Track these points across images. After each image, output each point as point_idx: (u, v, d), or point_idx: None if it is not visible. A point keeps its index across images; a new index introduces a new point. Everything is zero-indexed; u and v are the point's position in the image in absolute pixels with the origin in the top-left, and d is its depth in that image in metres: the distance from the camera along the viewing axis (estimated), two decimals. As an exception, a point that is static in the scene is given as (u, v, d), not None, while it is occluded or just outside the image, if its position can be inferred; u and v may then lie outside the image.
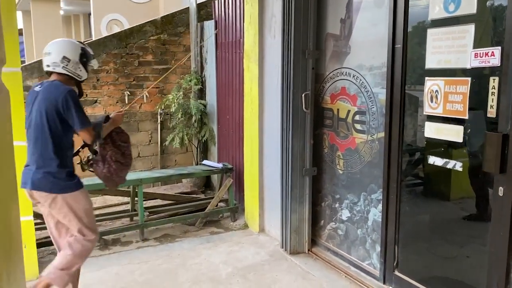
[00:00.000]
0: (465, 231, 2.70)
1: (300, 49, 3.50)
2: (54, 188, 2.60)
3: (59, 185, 2.60)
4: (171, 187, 5.65)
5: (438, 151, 2.60)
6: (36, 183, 2.60)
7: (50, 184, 2.59)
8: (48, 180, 2.59)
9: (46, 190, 2.60)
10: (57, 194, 2.60)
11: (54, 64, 2.64)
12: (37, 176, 2.60)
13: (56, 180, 2.59)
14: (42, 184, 2.60)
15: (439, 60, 2.49)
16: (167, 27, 5.91)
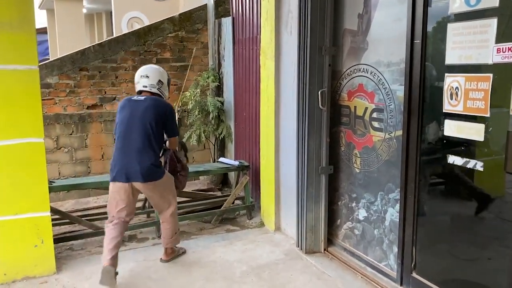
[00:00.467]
0: (487, 233, 2.60)
1: (316, 45, 3.44)
2: (158, 176, 3.29)
3: (158, 173, 3.30)
4: (188, 184, 5.64)
5: (458, 150, 2.51)
6: (145, 175, 3.21)
7: (155, 173, 3.28)
8: (153, 170, 3.25)
9: (156, 178, 3.28)
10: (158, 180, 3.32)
11: (151, 85, 3.41)
12: (144, 168, 3.20)
13: (157, 169, 3.30)
14: (151, 175, 3.24)
15: (460, 55, 2.40)
16: (185, 24, 5.91)
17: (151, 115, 3.23)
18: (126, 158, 3.23)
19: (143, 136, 3.21)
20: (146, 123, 3.22)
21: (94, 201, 5.28)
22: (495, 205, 2.50)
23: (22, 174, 3.23)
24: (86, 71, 5.52)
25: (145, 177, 3.22)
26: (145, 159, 3.20)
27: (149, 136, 3.22)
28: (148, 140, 3.22)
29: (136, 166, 3.19)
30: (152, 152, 3.24)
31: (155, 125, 3.24)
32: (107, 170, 5.73)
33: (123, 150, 3.26)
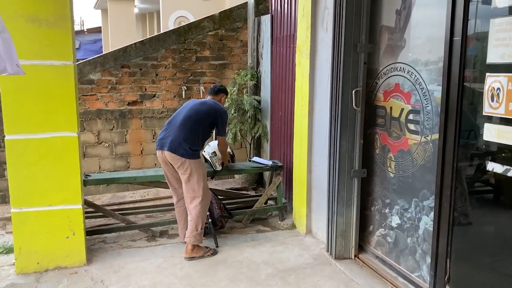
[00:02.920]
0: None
1: (351, 42, 3.30)
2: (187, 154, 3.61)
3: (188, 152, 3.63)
4: (223, 182, 5.66)
5: (498, 157, 2.31)
6: (173, 147, 3.60)
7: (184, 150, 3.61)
8: (183, 147, 3.61)
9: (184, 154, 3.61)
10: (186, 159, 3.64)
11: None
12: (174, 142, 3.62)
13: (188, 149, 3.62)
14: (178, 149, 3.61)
15: (503, 53, 2.19)
16: (225, 22, 5.91)
17: (203, 109, 3.76)
18: (166, 133, 3.71)
19: (186, 120, 3.65)
20: (195, 112, 3.70)
21: (130, 195, 5.40)
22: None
23: (56, 167, 3.33)
24: (127, 68, 5.64)
25: (171, 148, 3.59)
26: (180, 136, 3.60)
27: (193, 123, 3.65)
28: (190, 125, 3.64)
29: (170, 138, 3.63)
30: (190, 136, 3.62)
31: (204, 118, 3.71)
32: (145, 165, 5.87)
33: (166, 128, 3.75)
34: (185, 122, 3.66)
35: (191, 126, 3.66)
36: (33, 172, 3.28)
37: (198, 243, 3.67)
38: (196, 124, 3.68)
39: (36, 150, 3.27)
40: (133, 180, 4.27)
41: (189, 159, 3.59)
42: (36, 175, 3.29)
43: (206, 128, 3.78)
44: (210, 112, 3.76)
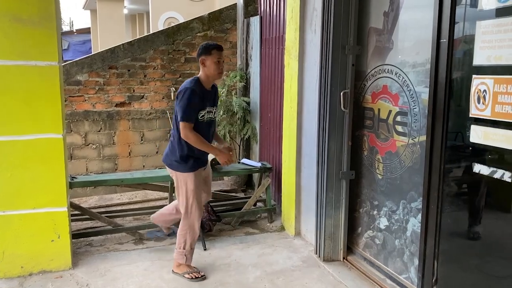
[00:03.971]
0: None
1: (339, 44, 3.30)
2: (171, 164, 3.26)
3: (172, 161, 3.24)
4: (211, 184, 5.60)
5: (484, 159, 2.31)
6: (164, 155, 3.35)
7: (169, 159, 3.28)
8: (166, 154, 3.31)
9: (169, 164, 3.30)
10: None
11: None
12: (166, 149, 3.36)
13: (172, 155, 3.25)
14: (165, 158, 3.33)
15: (489, 56, 2.20)
16: (214, 23, 5.89)
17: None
18: None
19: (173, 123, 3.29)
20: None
21: (118, 198, 5.34)
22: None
23: (41, 169, 3.27)
24: (115, 69, 5.59)
25: (164, 156, 3.33)
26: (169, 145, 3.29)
27: (175, 123, 3.20)
28: (174, 126, 3.23)
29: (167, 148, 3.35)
30: (172, 138, 3.24)
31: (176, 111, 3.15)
32: (134, 167, 5.81)
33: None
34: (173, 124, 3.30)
35: (174, 126, 3.22)
36: (17, 174, 3.22)
37: (180, 261, 3.31)
38: (174, 122, 3.21)
39: (21, 152, 3.21)
40: (121, 182, 4.22)
41: (174, 171, 3.23)
42: (21, 177, 3.23)
43: (175, 119, 3.19)
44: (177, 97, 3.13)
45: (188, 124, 3.02)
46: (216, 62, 3.09)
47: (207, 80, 3.16)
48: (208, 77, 3.14)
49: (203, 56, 3.09)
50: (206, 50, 3.10)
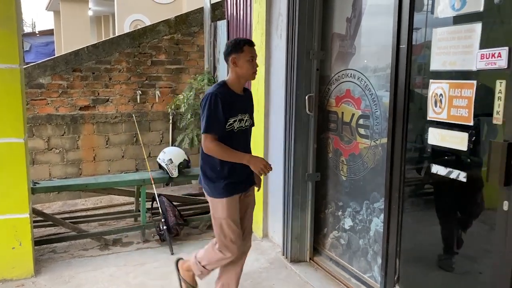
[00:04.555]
0: (475, 245, 2.49)
1: (304, 49, 3.37)
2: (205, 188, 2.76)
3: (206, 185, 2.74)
4: (179, 188, 5.59)
5: (442, 160, 2.42)
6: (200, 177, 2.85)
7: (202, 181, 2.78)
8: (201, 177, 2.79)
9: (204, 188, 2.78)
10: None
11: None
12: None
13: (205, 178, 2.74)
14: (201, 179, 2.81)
15: (444, 61, 2.31)
16: (181, 26, 5.87)
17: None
18: None
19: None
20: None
21: (82, 203, 5.23)
22: (481, 217, 2.39)
23: (1, 174, 3.18)
24: (79, 72, 5.48)
25: (199, 179, 2.84)
26: (200, 165, 2.76)
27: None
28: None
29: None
30: (202, 158, 2.70)
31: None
32: (99, 172, 5.71)
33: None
34: None
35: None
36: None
37: (193, 271, 2.95)
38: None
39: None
40: (85, 187, 4.15)
41: (207, 195, 2.75)
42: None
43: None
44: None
45: (209, 135, 2.53)
46: (250, 60, 2.63)
47: (238, 82, 2.68)
48: (240, 78, 2.67)
49: (234, 55, 2.61)
50: (236, 47, 2.61)
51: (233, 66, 2.63)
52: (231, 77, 2.68)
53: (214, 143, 2.53)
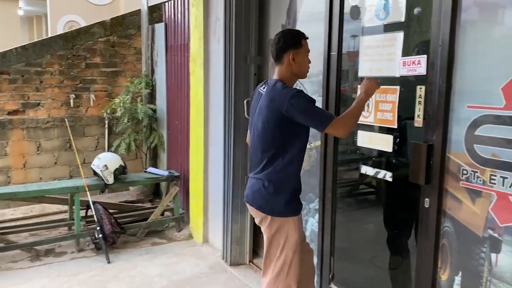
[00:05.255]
0: (402, 242, 2.64)
1: (241, 54, 3.41)
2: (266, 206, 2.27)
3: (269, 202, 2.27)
4: (116, 195, 5.43)
5: (370, 161, 2.55)
6: (251, 195, 2.35)
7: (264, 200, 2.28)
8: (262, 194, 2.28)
9: (263, 208, 2.28)
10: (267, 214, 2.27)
11: None
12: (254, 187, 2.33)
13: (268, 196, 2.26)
14: (256, 199, 2.31)
15: (371, 68, 2.44)
16: (117, 28, 5.71)
17: (266, 114, 2.21)
18: (249, 172, 2.43)
19: (260, 147, 2.28)
20: (262, 125, 2.25)
21: (11, 213, 4.92)
22: (406, 215, 2.54)
23: None
24: (7, 74, 5.17)
25: (250, 197, 2.35)
26: (258, 179, 2.29)
27: (265, 148, 2.25)
28: (263, 149, 2.26)
29: (250, 182, 2.38)
30: (267, 171, 2.24)
31: (270, 128, 2.21)
32: (29, 180, 5.40)
33: (249, 161, 2.47)
34: (260, 147, 2.28)
35: (266, 149, 2.25)
36: None
37: None
38: (265, 141, 2.25)
39: None
40: (14, 196, 3.93)
41: (268, 215, 2.26)
42: None
43: (281, 136, 2.21)
44: (271, 105, 2.19)
45: (333, 121, 2.12)
46: (307, 55, 2.29)
47: (293, 81, 2.32)
48: (295, 76, 2.31)
49: (293, 50, 2.22)
50: (295, 40, 2.24)
51: (289, 63, 2.23)
52: (285, 75, 2.26)
53: (340, 120, 2.14)
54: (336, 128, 2.12)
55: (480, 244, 1.90)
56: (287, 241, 2.23)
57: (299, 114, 2.11)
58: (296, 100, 2.11)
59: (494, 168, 1.82)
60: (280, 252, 2.25)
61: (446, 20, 1.95)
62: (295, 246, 2.24)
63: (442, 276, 2.10)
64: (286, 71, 2.25)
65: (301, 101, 2.12)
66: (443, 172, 2.03)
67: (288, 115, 2.11)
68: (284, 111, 2.11)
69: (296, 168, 2.27)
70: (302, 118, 2.12)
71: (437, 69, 2.01)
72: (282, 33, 2.29)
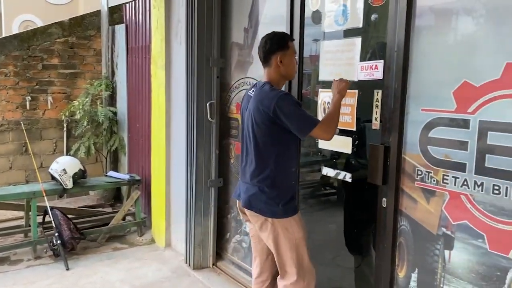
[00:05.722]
0: (362, 241, 2.71)
1: (204, 56, 3.41)
2: (267, 209, 2.23)
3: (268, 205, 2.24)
4: (76, 200, 5.28)
5: (331, 162, 2.61)
6: (246, 199, 2.29)
7: (262, 203, 2.24)
8: (260, 198, 2.24)
9: (262, 210, 2.24)
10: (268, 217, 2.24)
11: None
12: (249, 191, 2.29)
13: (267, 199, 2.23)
14: (254, 202, 2.26)
15: (331, 72, 2.50)
16: (76, 29, 5.56)
17: (256, 117, 2.20)
18: (241, 176, 2.40)
19: (253, 151, 2.25)
20: (252, 128, 2.24)
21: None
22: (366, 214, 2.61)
23: None
24: (-44, 75, 4.94)
25: (245, 201, 2.29)
26: (253, 182, 2.26)
27: (258, 151, 2.23)
28: (257, 156, 2.23)
29: (244, 187, 2.34)
30: (263, 174, 2.22)
31: (261, 130, 2.20)
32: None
33: (241, 165, 2.40)
34: (252, 152, 2.26)
35: (259, 153, 2.24)
36: None
37: None
38: (257, 143, 2.23)
39: None
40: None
41: (270, 218, 2.23)
42: None
43: (272, 139, 2.21)
44: (260, 107, 2.17)
45: (318, 125, 2.14)
46: (294, 57, 2.29)
47: (281, 83, 2.33)
48: (283, 79, 2.31)
49: (280, 52, 2.21)
50: (282, 42, 2.24)
51: (276, 65, 2.23)
52: (274, 77, 2.26)
53: (325, 123, 2.17)
54: (323, 131, 2.15)
55: (434, 241, 1.98)
56: (295, 239, 2.22)
57: (285, 116, 2.10)
58: (283, 102, 2.11)
59: (446, 168, 1.91)
60: (291, 252, 2.23)
61: (401, 26, 2.03)
62: (303, 241, 2.25)
63: (399, 274, 2.18)
64: (274, 73, 2.25)
65: (287, 103, 2.12)
66: (399, 172, 2.11)
67: (275, 117, 2.11)
68: (271, 113, 2.11)
69: (291, 168, 2.28)
70: (287, 120, 2.11)
71: (393, 73, 2.09)
72: (268, 36, 2.28)
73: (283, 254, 2.24)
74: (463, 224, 1.86)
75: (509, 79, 1.67)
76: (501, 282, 1.75)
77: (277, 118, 2.11)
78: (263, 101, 2.15)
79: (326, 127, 2.15)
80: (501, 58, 1.69)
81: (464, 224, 1.86)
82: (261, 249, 2.40)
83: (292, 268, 2.23)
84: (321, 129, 2.13)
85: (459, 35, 1.89)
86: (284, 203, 2.21)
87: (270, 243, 2.25)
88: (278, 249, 2.24)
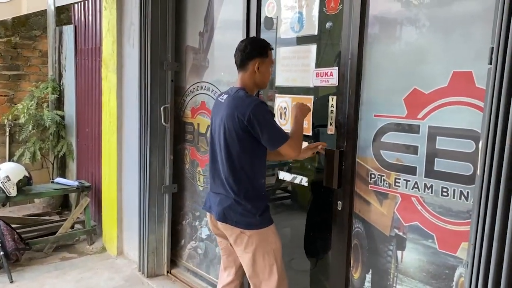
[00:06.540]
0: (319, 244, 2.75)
1: (158, 59, 3.35)
2: (244, 221, 2.15)
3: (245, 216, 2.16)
4: (20, 208, 5.01)
5: (287, 167, 2.64)
6: (220, 212, 2.19)
7: (238, 214, 2.15)
8: (235, 209, 2.16)
9: (238, 222, 2.16)
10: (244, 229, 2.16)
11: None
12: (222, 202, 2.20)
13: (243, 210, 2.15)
14: (229, 214, 2.17)
15: (287, 78, 2.54)
16: (20, 29, 5.31)
17: (229, 124, 2.11)
18: (212, 187, 2.31)
19: (226, 160, 2.15)
20: (224, 136, 2.14)
21: None
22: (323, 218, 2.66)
23: None
24: None
25: (219, 213, 2.19)
26: (227, 194, 2.18)
27: (231, 160, 2.14)
28: (230, 166, 2.15)
29: (215, 198, 2.25)
30: (237, 185, 2.14)
31: (233, 138, 2.11)
32: None
33: (211, 175, 2.31)
34: (226, 163, 2.17)
35: (233, 165, 2.15)
36: None
37: None
38: (236, 156, 2.14)
39: None
40: None
41: (247, 230, 2.15)
42: None
43: (249, 150, 2.13)
44: (234, 113, 2.08)
45: (289, 139, 2.10)
46: (271, 66, 2.25)
47: (254, 90, 2.26)
48: (256, 86, 2.24)
49: (259, 59, 2.16)
50: (262, 49, 2.18)
51: (253, 71, 2.16)
52: (248, 84, 2.19)
53: (294, 141, 2.12)
54: (291, 148, 2.10)
55: (387, 242, 2.06)
56: (273, 250, 2.18)
57: (259, 125, 2.04)
58: (259, 110, 2.05)
59: (398, 172, 1.99)
60: (270, 264, 2.17)
61: (355, 34, 2.10)
62: (280, 252, 2.22)
63: (354, 275, 2.24)
64: (249, 79, 2.19)
65: (263, 113, 2.06)
66: (353, 176, 2.17)
67: (248, 125, 2.04)
68: (245, 121, 2.04)
69: (263, 178, 2.23)
70: (260, 130, 2.04)
71: (347, 80, 2.15)
72: (249, 40, 2.26)
73: (259, 265, 2.18)
74: (414, 225, 1.94)
75: (456, 87, 1.76)
76: (450, 279, 1.84)
77: (250, 126, 2.04)
78: (238, 108, 2.07)
79: (295, 144, 2.12)
80: (449, 67, 1.79)
81: (415, 225, 1.94)
82: (233, 259, 2.35)
83: (272, 276, 2.18)
84: (290, 146, 2.09)
85: (409, 44, 1.98)
86: (260, 213, 2.16)
87: (246, 256, 2.19)
88: (255, 261, 2.17)
